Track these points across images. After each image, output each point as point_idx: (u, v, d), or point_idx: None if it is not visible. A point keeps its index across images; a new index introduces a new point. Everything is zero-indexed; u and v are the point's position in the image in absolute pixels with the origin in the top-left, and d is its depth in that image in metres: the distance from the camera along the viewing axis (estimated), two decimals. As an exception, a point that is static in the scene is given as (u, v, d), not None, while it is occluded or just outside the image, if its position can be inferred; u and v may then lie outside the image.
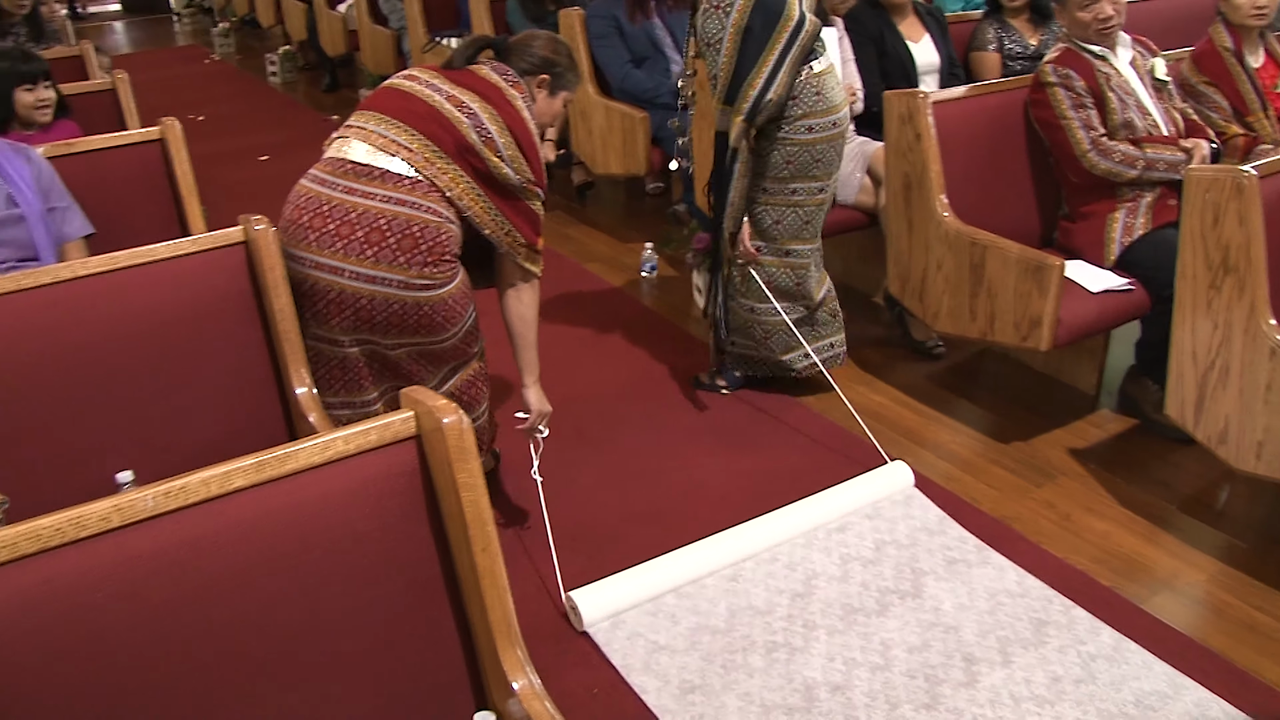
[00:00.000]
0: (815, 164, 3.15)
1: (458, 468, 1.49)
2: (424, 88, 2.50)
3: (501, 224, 2.50)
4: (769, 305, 3.32)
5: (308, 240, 2.37)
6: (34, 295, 2.14)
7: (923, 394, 3.56)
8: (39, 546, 1.33)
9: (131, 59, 10.66)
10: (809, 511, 2.89)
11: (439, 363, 2.59)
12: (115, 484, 2.12)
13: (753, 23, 2.95)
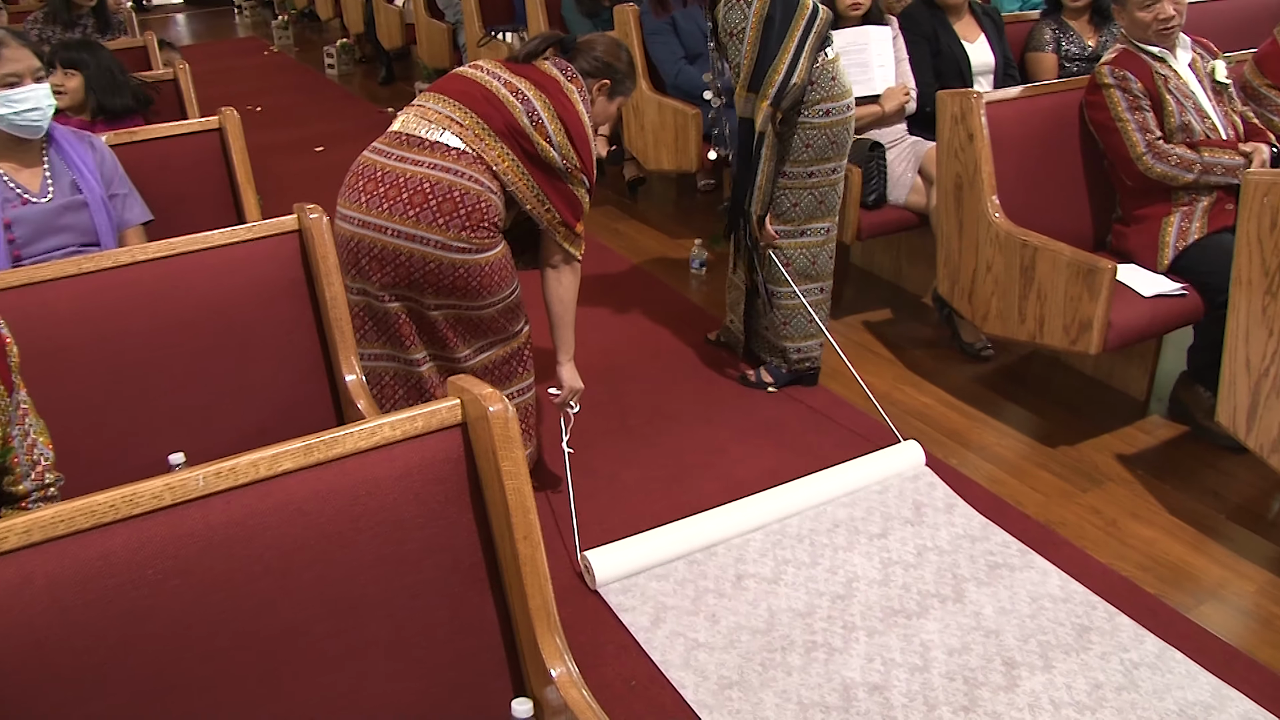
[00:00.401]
0: (831, 146, 3.27)
1: (502, 456, 1.51)
2: (484, 74, 2.67)
3: (542, 201, 2.63)
4: (788, 289, 3.41)
5: (359, 201, 2.56)
6: (94, 279, 2.19)
7: (970, 396, 3.54)
8: (94, 522, 1.37)
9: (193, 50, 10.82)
10: (818, 485, 2.98)
11: (477, 333, 2.69)
12: (168, 465, 2.17)
13: (773, 12, 3.08)
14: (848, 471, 3.05)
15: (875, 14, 3.94)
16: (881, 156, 3.87)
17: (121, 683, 1.38)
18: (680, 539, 2.79)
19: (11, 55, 2.63)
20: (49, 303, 2.16)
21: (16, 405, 1.80)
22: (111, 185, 2.87)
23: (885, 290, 4.39)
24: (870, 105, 3.92)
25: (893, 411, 3.43)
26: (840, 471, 3.04)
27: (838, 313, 4.15)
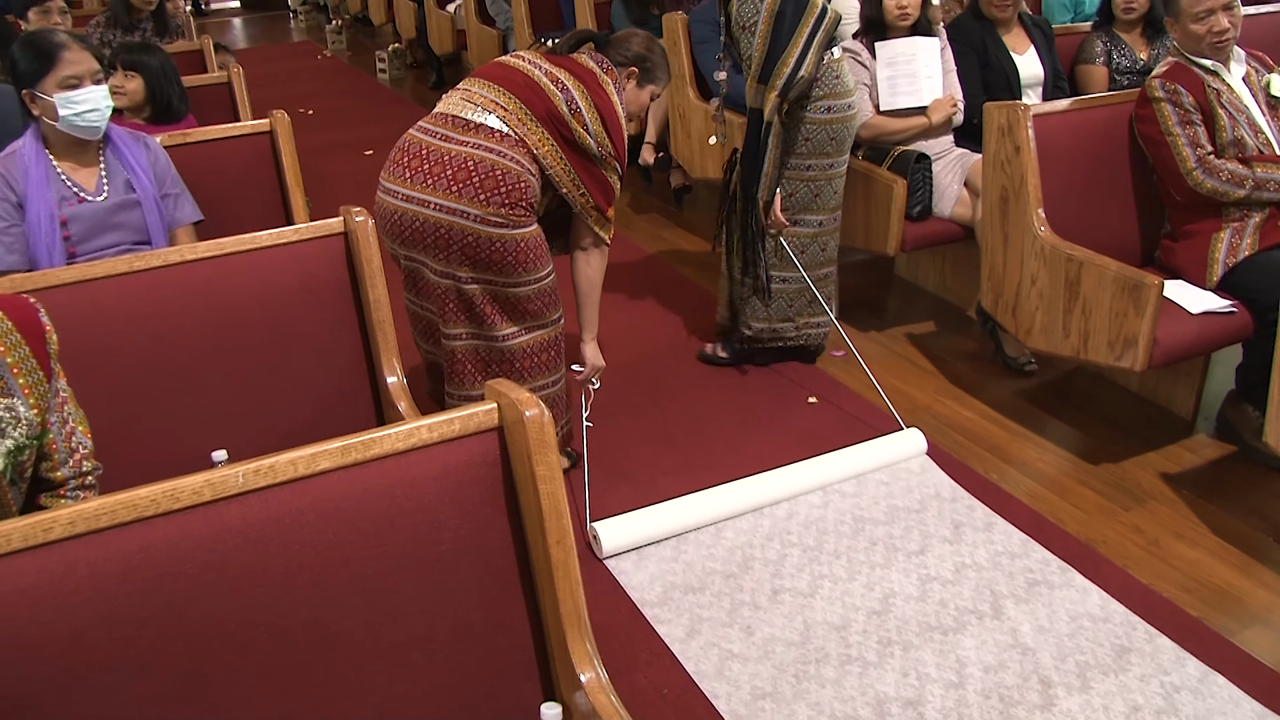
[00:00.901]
0: (830, 141, 3.44)
1: (537, 460, 1.52)
2: (526, 63, 2.85)
3: (578, 185, 2.82)
4: (794, 274, 3.57)
5: (405, 177, 2.73)
6: (145, 277, 2.23)
7: (1012, 411, 3.51)
8: (136, 515, 1.39)
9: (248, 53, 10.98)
10: (821, 467, 3.12)
11: (517, 314, 2.82)
12: (211, 461, 2.20)
13: (784, 8, 3.23)
14: (850, 455, 3.17)
15: (923, 25, 3.93)
16: (927, 168, 3.85)
17: (158, 672, 1.40)
18: (686, 514, 2.92)
19: (72, 58, 2.69)
20: (101, 299, 2.20)
21: (55, 392, 1.84)
22: (164, 185, 2.92)
23: (929, 302, 4.36)
24: (917, 116, 3.91)
25: (933, 425, 3.41)
26: (842, 455, 3.17)
27: (880, 324, 4.14)
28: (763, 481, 3.04)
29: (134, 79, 3.52)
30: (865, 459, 3.17)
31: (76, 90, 2.68)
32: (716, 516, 2.94)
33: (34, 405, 1.77)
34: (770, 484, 3.04)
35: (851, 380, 3.69)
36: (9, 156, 2.75)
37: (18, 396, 1.74)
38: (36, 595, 1.34)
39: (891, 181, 3.78)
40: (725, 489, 3.01)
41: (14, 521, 1.36)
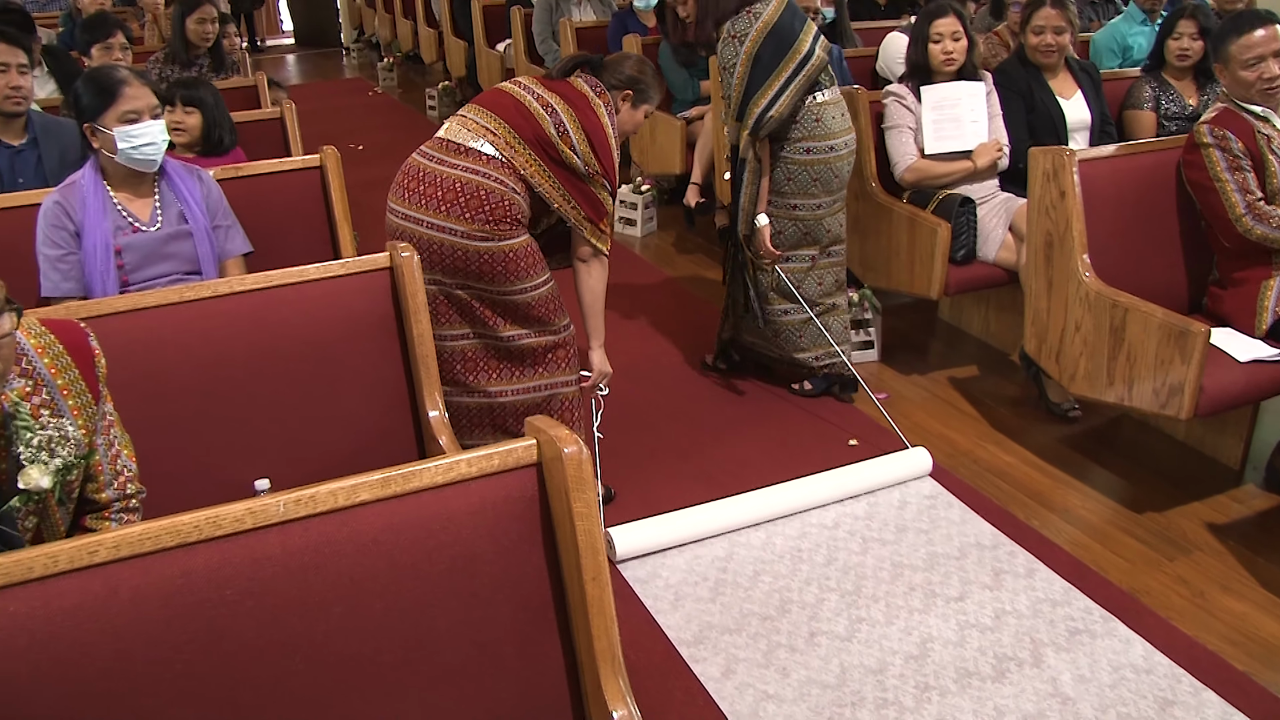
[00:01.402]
0: (814, 183, 3.56)
1: (574, 497, 1.53)
2: (520, 89, 3.04)
3: (568, 199, 2.98)
4: (773, 307, 3.71)
5: (404, 198, 2.96)
6: (195, 307, 2.28)
7: (1055, 457, 3.47)
8: (178, 541, 1.42)
9: (301, 89, 11.17)
10: (828, 482, 3.24)
11: (519, 318, 2.99)
12: (253, 489, 2.23)
13: (762, 51, 3.41)
14: (858, 471, 3.29)
15: (969, 69, 3.93)
16: (972, 212, 3.85)
17: (196, 696, 1.42)
18: (697, 522, 3.06)
19: (133, 93, 2.76)
20: (152, 327, 2.25)
21: (102, 415, 1.88)
22: (216, 217, 2.97)
23: (972, 346, 4.34)
24: (962, 160, 3.91)
25: (975, 469, 3.39)
26: (850, 471, 3.29)
27: (923, 367, 4.12)
28: (772, 494, 3.17)
29: (193, 114, 3.59)
30: (871, 476, 3.28)
31: (135, 124, 2.75)
32: (728, 525, 3.08)
33: (82, 426, 1.80)
34: (778, 497, 3.16)
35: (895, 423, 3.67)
36: (68, 187, 2.82)
37: (67, 417, 1.78)
38: (81, 616, 1.37)
39: (936, 225, 3.77)
40: (737, 499, 3.13)
41: (61, 544, 1.39)
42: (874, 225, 4.08)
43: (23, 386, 1.74)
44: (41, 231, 2.79)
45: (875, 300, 4.11)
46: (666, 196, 6.18)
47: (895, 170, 4.00)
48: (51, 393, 1.78)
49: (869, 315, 4.12)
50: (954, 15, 3.92)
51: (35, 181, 3.35)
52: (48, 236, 2.79)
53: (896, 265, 3.98)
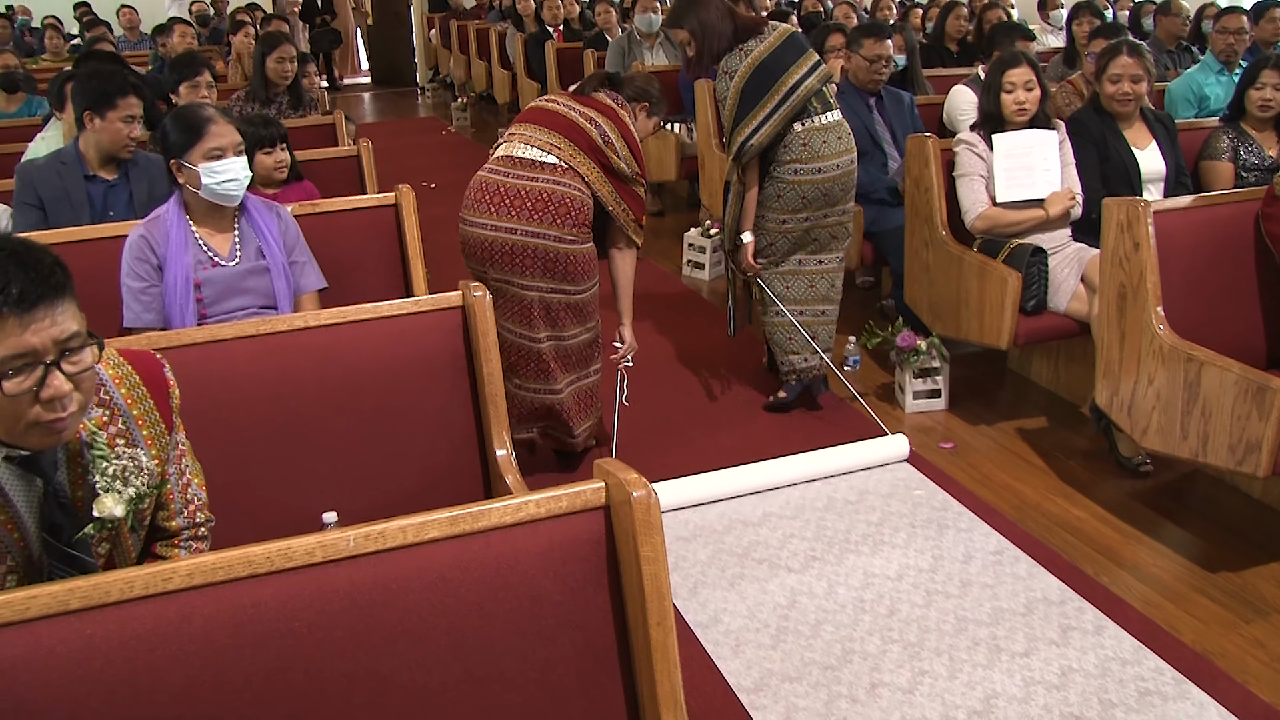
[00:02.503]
0: (800, 200, 3.84)
1: (642, 541, 1.53)
2: (562, 106, 3.46)
3: (619, 202, 3.43)
4: (774, 308, 3.99)
5: (489, 210, 3.33)
6: (270, 340, 2.33)
7: (1125, 512, 3.40)
8: (250, 571, 1.44)
9: (376, 127, 11.40)
10: (810, 461, 3.64)
11: (580, 317, 3.46)
12: (321, 522, 2.26)
13: (749, 86, 3.75)
14: (838, 452, 3.69)
15: (1041, 118, 3.91)
16: (1043, 262, 3.81)
17: (261, 727, 1.44)
18: (705, 488, 3.49)
19: (218, 131, 2.84)
20: (228, 359, 2.30)
21: (175, 445, 1.91)
22: (292, 253, 3.04)
23: (1041, 397, 4.28)
24: (1034, 209, 3.87)
25: (1043, 523, 3.33)
26: (832, 452, 3.69)
27: (991, 417, 4.07)
28: (762, 469, 3.58)
29: (285, 150, 3.69)
30: (851, 458, 3.68)
31: (220, 161, 2.83)
32: (726, 493, 3.50)
33: (155, 456, 1.84)
34: (768, 471, 3.58)
35: (960, 474, 3.64)
36: (153, 221, 2.90)
37: (141, 447, 1.82)
38: (153, 642, 1.40)
39: (1006, 274, 3.74)
40: (734, 471, 3.56)
41: (137, 570, 1.42)
42: (943, 274, 4.05)
43: (100, 416, 1.78)
44: (126, 263, 2.87)
45: (943, 349, 4.07)
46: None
47: (966, 218, 3.97)
48: (127, 423, 1.82)
49: (936, 364, 4.09)
50: (1027, 64, 3.90)
51: (125, 214, 3.46)
52: (132, 269, 2.87)
53: (966, 314, 3.95)
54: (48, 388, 1.57)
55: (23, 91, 5.96)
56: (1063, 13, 7.97)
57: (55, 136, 4.16)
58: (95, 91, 3.43)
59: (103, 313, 2.86)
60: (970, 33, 6.98)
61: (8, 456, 1.67)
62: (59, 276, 1.59)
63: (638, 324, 3.95)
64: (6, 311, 1.52)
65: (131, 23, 10.35)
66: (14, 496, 1.70)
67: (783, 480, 3.57)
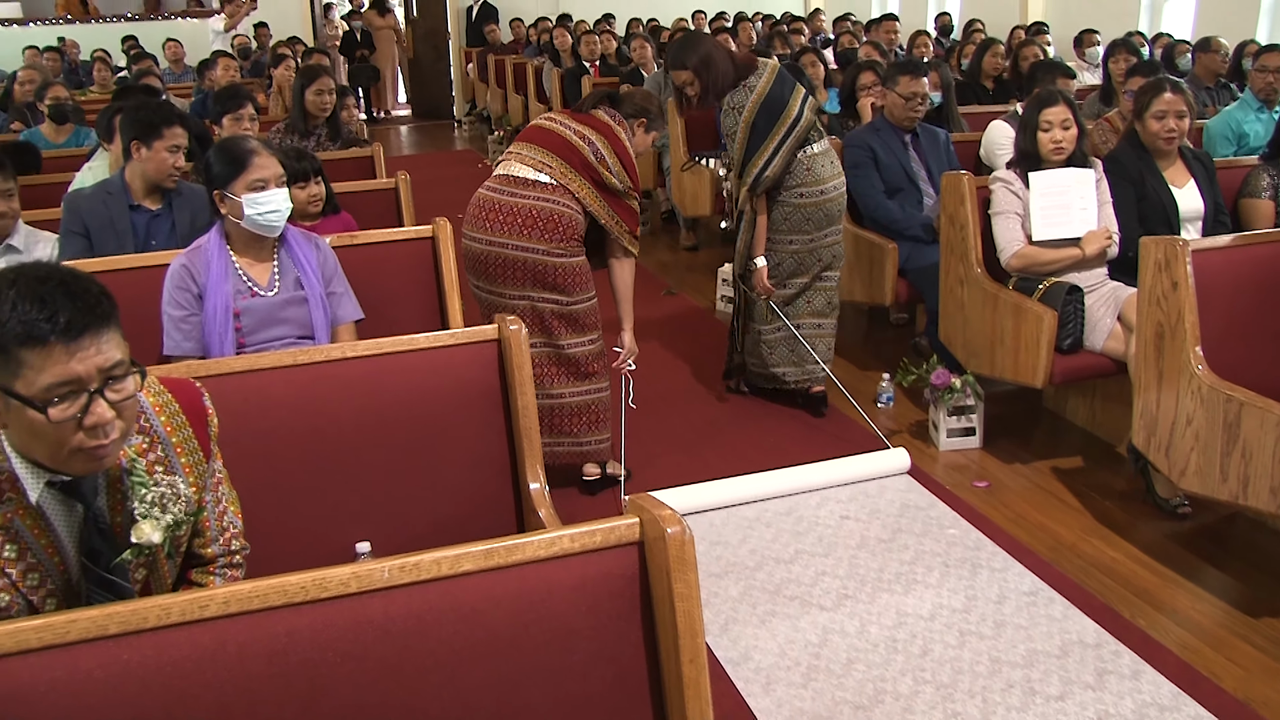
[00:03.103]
0: (806, 222, 4.15)
1: (676, 578, 1.52)
2: (559, 125, 3.66)
3: (612, 216, 3.63)
4: (772, 325, 4.28)
5: (485, 226, 3.56)
6: (307, 371, 2.35)
7: (1163, 554, 3.36)
8: (285, 600, 1.45)
9: (413, 159, 11.52)
10: (814, 471, 3.84)
11: (576, 327, 3.65)
12: (354, 552, 2.27)
13: (758, 120, 4.01)
14: (838, 465, 3.88)
15: (1078, 157, 3.90)
16: (1079, 300, 3.78)
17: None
18: (705, 496, 3.70)
19: (261, 163, 2.89)
20: (267, 389, 2.32)
21: (212, 473, 1.93)
22: (330, 284, 3.07)
23: (1077, 437, 4.24)
24: (1070, 248, 3.86)
25: (1078, 564, 3.30)
26: (833, 464, 3.88)
27: (1026, 456, 4.04)
28: (764, 479, 3.78)
29: (319, 184, 3.73)
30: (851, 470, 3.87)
31: (262, 192, 2.87)
32: (727, 501, 3.70)
33: (193, 484, 1.86)
34: (770, 481, 3.78)
35: (994, 513, 3.61)
36: (194, 251, 2.94)
37: (179, 474, 1.84)
38: (188, 669, 1.41)
39: (1042, 313, 3.72)
40: (737, 480, 3.76)
41: (173, 596, 1.43)
42: (978, 311, 4.04)
43: (140, 443, 1.80)
44: (167, 292, 2.91)
45: (978, 387, 4.05)
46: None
47: (1001, 256, 3.96)
48: (166, 450, 1.84)
49: (971, 402, 4.07)
50: (1064, 103, 3.89)
51: (167, 244, 3.51)
52: (173, 297, 2.91)
53: (1001, 352, 3.92)
54: (91, 415, 1.60)
55: (71, 122, 6.07)
56: (1099, 50, 7.97)
57: (102, 166, 4.24)
58: (142, 122, 3.50)
59: (144, 340, 2.90)
60: (1006, 70, 6.99)
61: (50, 482, 1.70)
62: (105, 306, 1.62)
63: (669, 357, 4.14)
64: (54, 340, 1.55)
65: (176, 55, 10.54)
66: (55, 521, 1.73)
67: (783, 490, 3.76)
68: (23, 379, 1.56)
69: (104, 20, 13.37)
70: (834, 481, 3.80)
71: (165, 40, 10.91)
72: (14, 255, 3.48)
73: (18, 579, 1.71)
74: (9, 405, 1.59)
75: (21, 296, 1.55)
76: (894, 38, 9.00)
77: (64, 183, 4.31)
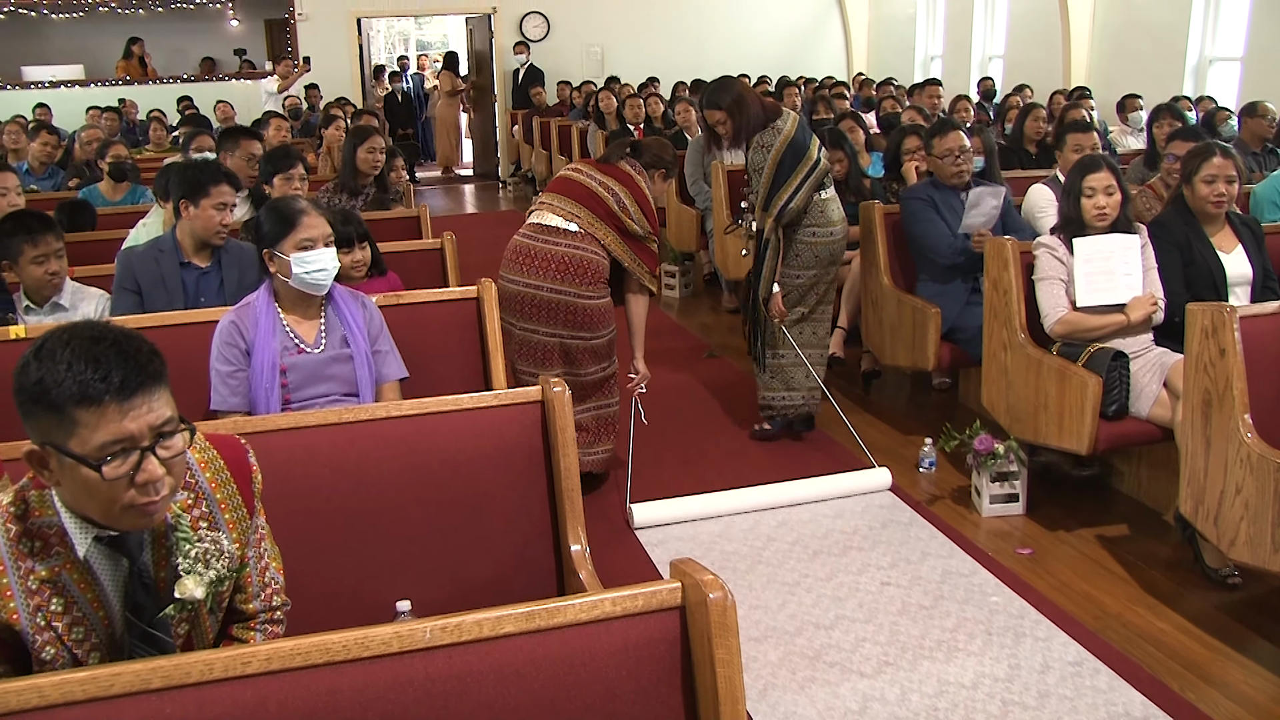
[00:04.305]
0: (815, 259, 4.53)
1: (718, 643, 1.52)
2: (584, 177, 4.11)
3: (634, 258, 4.09)
4: (788, 350, 4.63)
5: (522, 270, 4.01)
6: (353, 429, 2.38)
7: (1213, 626, 3.29)
8: (327, 659, 1.46)
9: (458, 220, 11.66)
10: (802, 486, 4.24)
11: (597, 358, 4.12)
12: (394, 611, 2.27)
13: (784, 158, 4.38)
14: (824, 481, 4.28)
15: (1122, 222, 3.88)
16: (1125, 366, 3.75)
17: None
18: (700, 506, 4.11)
19: (310, 223, 2.95)
20: (312, 446, 2.35)
21: (255, 529, 1.95)
22: (376, 342, 3.10)
23: (1123, 504, 4.17)
24: (1115, 314, 3.83)
25: (1124, 634, 3.23)
26: (820, 480, 4.28)
27: (1070, 524, 3.98)
28: (760, 490, 4.20)
29: (365, 249, 3.77)
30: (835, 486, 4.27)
31: (310, 251, 2.92)
32: (725, 510, 4.11)
33: (236, 540, 1.88)
34: (765, 493, 4.19)
35: (1038, 581, 3.55)
36: (244, 308, 3.00)
37: (223, 530, 1.86)
38: (228, 725, 1.41)
39: (1087, 378, 3.69)
40: (733, 493, 4.19)
41: (216, 652, 1.45)
42: (1022, 376, 4.01)
43: (185, 499, 1.83)
44: (216, 348, 2.96)
45: (1021, 453, 4.01)
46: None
47: (1045, 322, 3.94)
48: (210, 506, 1.86)
49: (1014, 468, 4.02)
50: (1108, 169, 3.88)
51: (216, 301, 3.58)
52: (221, 353, 2.96)
53: (1044, 418, 3.89)
54: (143, 472, 1.62)
55: (129, 180, 6.22)
56: (1142, 115, 7.96)
57: (155, 224, 4.33)
58: (190, 181, 3.59)
59: (192, 395, 2.95)
60: (1049, 134, 6.98)
61: (97, 537, 1.72)
62: (156, 364, 1.65)
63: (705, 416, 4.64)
64: (109, 399, 1.59)
65: (226, 115, 10.76)
66: (102, 575, 1.75)
67: (768, 503, 4.17)
68: (77, 437, 1.59)
69: (161, 81, 13.72)
70: (817, 496, 4.21)
71: (216, 101, 11.17)
72: (60, 312, 3.57)
73: (63, 632, 1.73)
74: (62, 463, 1.62)
75: (76, 356, 1.59)
76: (936, 102, 9.03)
77: (118, 239, 4.41)
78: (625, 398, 4.35)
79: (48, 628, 1.71)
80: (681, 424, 5.06)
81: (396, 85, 15.36)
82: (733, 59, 13.75)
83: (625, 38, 14.42)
